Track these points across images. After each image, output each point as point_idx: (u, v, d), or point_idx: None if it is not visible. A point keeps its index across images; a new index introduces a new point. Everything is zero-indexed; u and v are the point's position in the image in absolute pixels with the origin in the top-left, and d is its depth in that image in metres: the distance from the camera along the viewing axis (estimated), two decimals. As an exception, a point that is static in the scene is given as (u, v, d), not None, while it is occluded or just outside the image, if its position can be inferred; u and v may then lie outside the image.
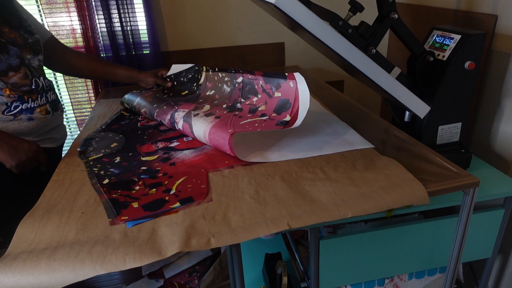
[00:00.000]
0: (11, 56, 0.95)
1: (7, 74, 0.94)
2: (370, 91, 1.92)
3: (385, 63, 0.92)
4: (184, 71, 1.21)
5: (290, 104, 0.90)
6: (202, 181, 0.81)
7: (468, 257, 1.01)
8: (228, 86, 1.04)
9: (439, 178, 0.78)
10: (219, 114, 0.96)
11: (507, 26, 1.07)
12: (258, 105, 0.93)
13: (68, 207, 0.73)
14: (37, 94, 1.01)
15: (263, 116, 0.89)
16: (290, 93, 0.92)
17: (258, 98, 0.95)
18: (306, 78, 0.91)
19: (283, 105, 0.91)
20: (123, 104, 1.27)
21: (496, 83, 1.13)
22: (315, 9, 0.83)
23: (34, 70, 1.02)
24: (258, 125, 0.86)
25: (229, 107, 0.98)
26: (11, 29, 0.98)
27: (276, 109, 0.90)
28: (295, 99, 0.90)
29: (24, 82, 0.98)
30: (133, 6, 1.55)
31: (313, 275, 0.90)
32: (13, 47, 0.96)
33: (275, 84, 0.95)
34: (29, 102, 0.99)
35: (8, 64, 0.94)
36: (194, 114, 0.98)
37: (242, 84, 1.01)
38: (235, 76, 1.04)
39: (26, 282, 0.57)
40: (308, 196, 0.73)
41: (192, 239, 0.63)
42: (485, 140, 1.20)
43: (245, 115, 0.92)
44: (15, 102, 0.96)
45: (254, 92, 0.98)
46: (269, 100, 0.94)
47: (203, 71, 1.15)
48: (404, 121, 1.06)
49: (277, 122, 0.87)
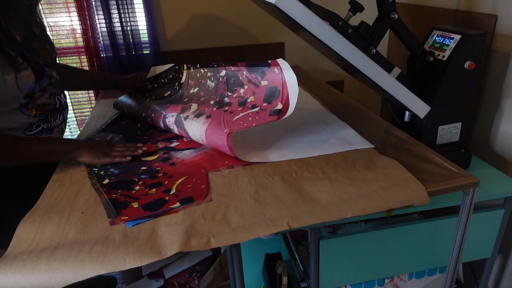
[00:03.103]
0: (44, 78, 0.89)
1: (35, 95, 0.87)
2: (370, 91, 1.91)
3: (385, 63, 0.92)
4: (163, 72, 1.18)
5: (279, 91, 0.87)
6: (202, 181, 0.80)
7: (468, 257, 1.01)
8: (212, 81, 1.02)
9: (439, 178, 0.78)
10: (209, 112, 0.94)
11: (507, 26, 1.07)
12: (247, 97, 0.90)
13: (68, 207, 0.73)
14: (58, 112, 0.96)
15: (254, 108, 0.86)
16: (276, 80, 0.89)
17: (245, 89, 0.93)
18: (306, 78, 0.91)
19: (272, 93, 0.88)
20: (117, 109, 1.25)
21: (496, 83, 1.13)
22: (315, 9, 0.83)
23: (56, 87, 0.95)
24: (252, 118, 0.85)
25: (217, 102, 0.96)
26: (40, 44, 0.91)
27: (265, 98, 0.87)
28: (283, 86, 0.87)
29: (50, 102, 0.92)
30: (133, 6, 1.55)
31: (313, 275, 0.90)
32: (46, 67, 0.90)
33: (260, 73, 0.93)
34: (51, 121, 0.93)
35: (41, 87, 0.88)
36: (184, 117, 0.96)
37: (226, 77, 0.98)
38: (218, 70, 1.02)
39: (26, 282, 0.57)
40: (308, 196, 0.73)
41: (192, 239, 0.63)
42: (485, 140, 1.20)
43: (236, 109, 0.89)
44: (38, 122, 0.90)
45: (239, 84, 0.96)
46: (256, 90, 0.92)
47: (184, 69, 1.12)
48: (404, 121, 1.06)
49: (270, 112, 0.84)
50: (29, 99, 0.86)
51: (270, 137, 0.99)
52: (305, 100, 1.28)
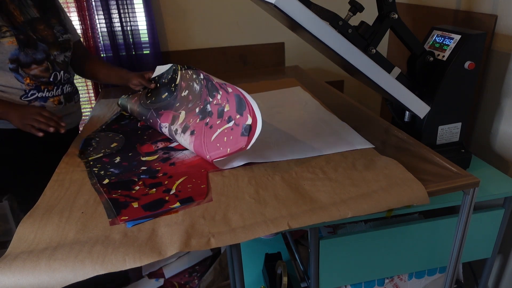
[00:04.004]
0: (38, 52, 1.06)
1: (30, 66, 1.05)
2: (370, 91, 1.92)
3: (385, 63, 0.92)
4: (165, 72, 1.20)
5: (243, 100, 0.84)
6: (202, 181, 0.81)
7: (468, 257, 1.01)
8: (197, 84, 1.02)
9: (439, 178, 0.78)
10: (193, 126, 0.94)
11: (507, 26, 1.07)
12: (223, 104, 0.90)
13: (68, 207, 0.73)
14: (54, 85, 1.11)
15: (229, 122, 0.85)
16: (233, 87, 0.87)
17: (221, 94, 0.92)
18: (306, 78, 0.91)
19: (239, 102, 0.85)
20: (119, 107, 1.27)
21: (496, 83, 1.13)
22: (315, 9, 0.83)
23: (57, 64, 1.11)
24: (227, 138, 0.84)
25: (201, 111, 0.96)
26: (46, 27, 1.10)
27: (237, 108, 0.86)
28: (241, 93, 0.84)
29: (44, 75, 1.08)
30: (133, 6, 1.55)
31: (313, 275, 0.89)
32: (42, 43, 1.07)
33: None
34: (45, 92, 1.09)
35: (33, 58, 1.04)
36: (174, 131, 0.98)
37: (205, 80, 0.99)
38: (197, 73, 1.03)
39: (26, 282, 0.57)
40: (308, 196, 0.73)
41: (192, 239, 0.63)
42: (485, 140, 1.20)
43: (215, 123, 0.89)
44: (32, 90, 1.06)
45: (215, 88, 0.95)
46: (228, 97, 0.90)
47: (179, 70, 1.14)
48: (404, 121, 1.06)
49: (242, 130, 0.82)
50: (15, 64, 1.02)
51: (270, 137, 0.99)
52: (305, 100, 1.28)
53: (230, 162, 0.87)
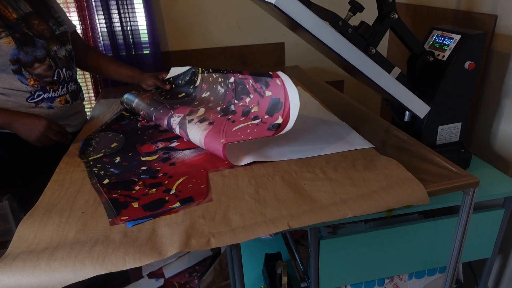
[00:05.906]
0: (38, 48, 1.02)
1: (33, 65, 1.02)
2: (370, 91, 1.91)
3: (385, 63, 0.92)
4: (182, 74, 1.22)
5: (282, 103, 0.88)
6: (202, 181, 0.81)
7: (468, 257, 1.01)
8: (222, 87, 1.04)
9: (439, 178, 0.78)
10: (212, 119, 0.95)
11: (507, 26, 1.07)
12: (251, 106, 0.92)
13: (68, 207, 0.73)
14: (59, 85, 1.08)
15: (255, 119, 0.88)
16: (279, 92, 0.90)
17: (251, 98, 0.94)
18: (306, 78, 0.91)
19: (274, 105, 0.89)
20: (122, 104, 1.27)
21: (496, 83, 1.13)
22: (315, 9, 0.83)
23: (58, 61, 1.08)
24: (250, 131, 0.85)
25: (223, 109, 0.97)
26: (41, 21, 1.05)
27: (268, 110, 0.89)
28: (286, 99, 0.88)
29: (47, 74, 1.05)
30: (133, 6, 1.55)
31: (313, 275, 0.90)
32: (40, 39, 1.03)
33: (264, 83, 0.94)
34: (50, 92, 1.06)
35: (34, 56, 1.01)
36: (189, 120, 0.98)
37: (234, 84, 1.00)
38: (227, 76, 1.04)
39: (26, 282, 0.57)
40: (308, 196, 0.73)
41: (192, 239, 0.63)
42: (485, 140, 1.20)
43: (238, 119, 0.90)
44: (38, 92, 1.04)
45: (246, 92, 0.97)
46: (261, 100, 0.93)
47: (199, 73, 1.15)
48: (404, 121, 1.06)
49: (269, 126, 0.85)
50: (18, 65, 0.99)
51: (270, 137, 0.99)
52: (305, 100, 1.28)
53: (235, 158, 0.87)
